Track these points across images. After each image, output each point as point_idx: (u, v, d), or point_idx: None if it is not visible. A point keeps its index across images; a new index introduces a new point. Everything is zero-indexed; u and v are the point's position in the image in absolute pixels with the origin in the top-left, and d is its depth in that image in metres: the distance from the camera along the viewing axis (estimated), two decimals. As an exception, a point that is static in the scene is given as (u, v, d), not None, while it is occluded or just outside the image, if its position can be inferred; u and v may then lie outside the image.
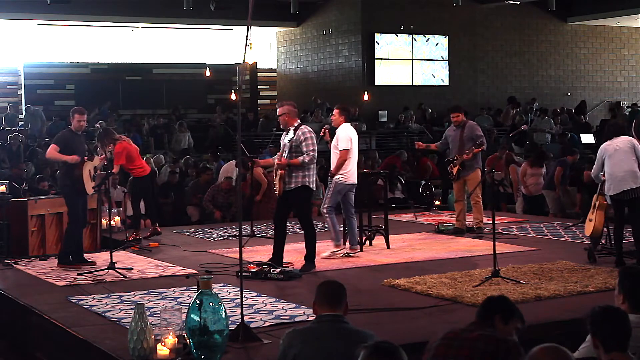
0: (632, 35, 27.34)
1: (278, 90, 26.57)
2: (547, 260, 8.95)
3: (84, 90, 23.75)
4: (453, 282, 7.77)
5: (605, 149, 8.67)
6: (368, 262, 9.21)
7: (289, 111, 8.72)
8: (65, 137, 9.14)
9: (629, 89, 27.49)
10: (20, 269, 9.23)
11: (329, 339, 4.12)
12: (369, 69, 23.19)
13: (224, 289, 7.68)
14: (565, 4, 24.39)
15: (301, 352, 4.08)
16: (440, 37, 23.98)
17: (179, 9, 21.27)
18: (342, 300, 4.31)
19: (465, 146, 10.93)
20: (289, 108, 8.74)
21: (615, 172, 8.49)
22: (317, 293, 4.32)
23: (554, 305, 6.88)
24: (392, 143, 21.22)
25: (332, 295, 4.31)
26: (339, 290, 4.35)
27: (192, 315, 5.12)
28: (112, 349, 5.69)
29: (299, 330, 4.25)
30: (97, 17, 22.88)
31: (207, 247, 10.47)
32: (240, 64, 7.45)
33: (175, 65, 25.49)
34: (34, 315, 7.08)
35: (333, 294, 4.31)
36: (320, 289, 4.34)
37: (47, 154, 9.24)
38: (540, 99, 25.71)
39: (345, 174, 9.21)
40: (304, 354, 4.07)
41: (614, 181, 8.51)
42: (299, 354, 4.08)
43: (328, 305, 4.27)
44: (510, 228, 11.64)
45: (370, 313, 6.53)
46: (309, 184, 8.61)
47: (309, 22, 24.97)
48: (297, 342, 4.13)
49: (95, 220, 10.98)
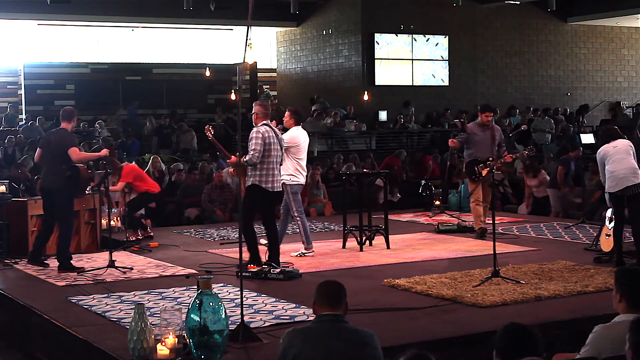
0: (632, 35, 27.34)
1: (278, 90, 26.57)
2: (547, 260, 8.95)
3: (84, 90, 23.75)
4: (453, 282, 7.77)
5: (605, 150, 8.73)
6: (368, 262, 9.21)
7: (259, 111, 8.81)
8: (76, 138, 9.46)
9: (629, 89, 27.48)
10: (20, 269, 9.23)
11: (329, 338, 4.12)
12: (369, 69, 23.19)
13: (224, 289, 7.68)
14: (565, 4, 24.37)
15: (301, 352, 4.07)
16: (440, 37, 23.98)
17: (179, 9, 21.25)
18: (342, 299, 4.30)
19: (494, 148, 10.68)
20: (259, 108, 8.84)
21: (618, 169, 8.55)
22: (317, 293, 4.32)
23: (554, 305, 6.88)
24: (392, 143, 21.21)
25: (332, 295, 4.30)
26: (339, 290, 4.34)
27: (192, 315, 5.12)
28: (112, 349, 5.69)
29: (299, 329, 4.25)
30: (97, 17, 22.87)
31: (207, 247, 10.47)
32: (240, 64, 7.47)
33: (175, 65, 25.48)
34: (34, 315, 7.08)
35: (333, 293, 4.31)
36: (320, 289, 4.34)
37: (76, 157, 9.08)
38: (540, 99, 25.72)
39: (296, 175, 9.45)
40: (304, 353, 4.07)
41: (617, 178, 8.56)
42: (299, 354, 4.08)
43: (328, 305, 4.26)
44: (510, 228, 11.65)
45: (370, 313, 6.53)
46: (260, 183, 8.57)
47: (309, 22, 24.97)
48: (297, 341, 4.13)
49: (95, 220, 11.00)
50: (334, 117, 21.41)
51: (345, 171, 13.02)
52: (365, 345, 4.15)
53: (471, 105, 24.32)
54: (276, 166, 8.72)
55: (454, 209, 14.09)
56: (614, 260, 8.62)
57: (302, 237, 9.58)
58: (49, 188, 9.14)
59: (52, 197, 9.12)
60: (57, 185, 9.06)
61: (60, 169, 9.06)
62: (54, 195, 9.08)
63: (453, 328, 6.19)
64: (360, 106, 22.98)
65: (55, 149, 9.09)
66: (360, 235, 10.01)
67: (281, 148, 8.81)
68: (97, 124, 21.21)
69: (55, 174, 9.08)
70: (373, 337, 4.23)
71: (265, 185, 8.63)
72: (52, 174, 9.11)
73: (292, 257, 9.44)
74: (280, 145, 8.78)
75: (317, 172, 14.86)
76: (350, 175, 11.05)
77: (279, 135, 8.87)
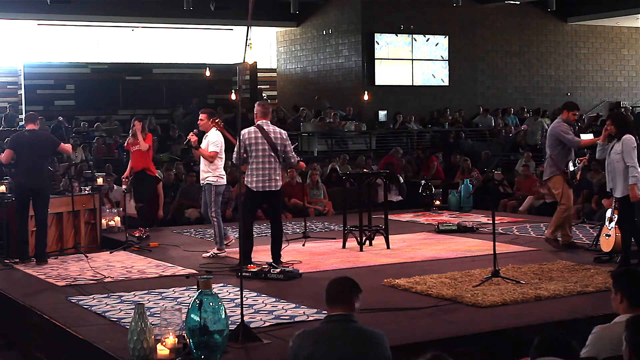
0: (632, 35, 27.33)
1: (278, 90, 26.56)
2: (547, 260, 8.95)
3: (84, 90, 23.73)
4: (453, 282, 7.77)
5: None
6: (368, 262, 9.21)
7: (258, 111, 9.03)
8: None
9: (629, 89, 27.48)
10: (20, 269, 9.24)
11: (340, 339, 4.11)
12: (369, 69, 23.18)
13: (224, 289, 7.68)
14: (565, 4, 24.37)
15: (312, 355, 4.06)
16: (440, 37, 23.97)
17: (179, 9, 21.25)
18: (350, 298, 4.25)
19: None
20: (258, 108, 9.06)
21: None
22: (326, 293, 4.29)
23: (554, 305, 6.88)
24: (392, 143, 21.21)
25: (337, 295, 4.28)
26: (345, 288, 4.30)
27: (192, 315, 5.12)
28: (112, 349, 5.68)
29: (308, 331, 4.21)
30: (97, 17, 22.85)
31: (207, 247, 10.46)
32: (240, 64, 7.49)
33: (175, 65, 25.46)
34: (34, 315, 7.08)
35: (338, 293, 4.28)
36: (328, 289, 4.31)
37: (71, 151, 10.47)
38: (540, 99, 25.72)
39: (220, 176, 9.75)
40: (315, 356, 4.06)
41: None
42: (310, 356, 4.06)
43: (336, 304, 4.24)
44: (510, 228, 11.65)
45: (371, 313, 6.52)
46: (246, 183, 8.72)
47: (309, 22, 24.96)
48: (307, 343, 4.11)
49: (95, 220, 11.01)
50: (333, 117, 21.42)
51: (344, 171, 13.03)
52: (376, 346, 4.16)
53: (471, 105, 24.35)
54: (264, 166, 8.72)
55: (454, 209, 14.10)
56: (619, 261, 8.49)
57: (216, 237, 9.84)
58: (38, 187, 9.47)
59: (39, 195, 9.49)
60: (44, 184, 9.56)
61: (45, 167, 9.61)
62: (42, 193, 9.51)
63: (453, 328, 6.19)
64: (360, 106, 22.98)
65: (45, 149, 9.61)
66: (360, 235, 10.01)
67: (273, 148, 8.78)
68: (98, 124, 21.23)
69: (42, 172, 9.53)
70: (383, 337, 4.24)
71: (250, 185, 8.68)
72: (38, 173, 9.46)
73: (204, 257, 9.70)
74: (270, 144, 8.75)
75: (316, 173, 14.86)
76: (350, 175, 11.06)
77: (273, 135, 8.84)
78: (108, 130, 21.35)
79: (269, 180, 8.75)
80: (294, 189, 14.26)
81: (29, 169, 9.44)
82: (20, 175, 9.58)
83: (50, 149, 9.76)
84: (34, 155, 9.46)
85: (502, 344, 6.04)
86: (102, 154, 18.95)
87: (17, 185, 9.65)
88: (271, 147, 8.75)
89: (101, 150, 19.25)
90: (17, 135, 9.85)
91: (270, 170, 8.75)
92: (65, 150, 10.15)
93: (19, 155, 9.53)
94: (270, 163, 8.75)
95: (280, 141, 8.85)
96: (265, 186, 8.74)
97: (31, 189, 9.47)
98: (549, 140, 9.82)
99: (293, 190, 14.26)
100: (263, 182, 8.72)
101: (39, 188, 9.48)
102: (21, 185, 9.54)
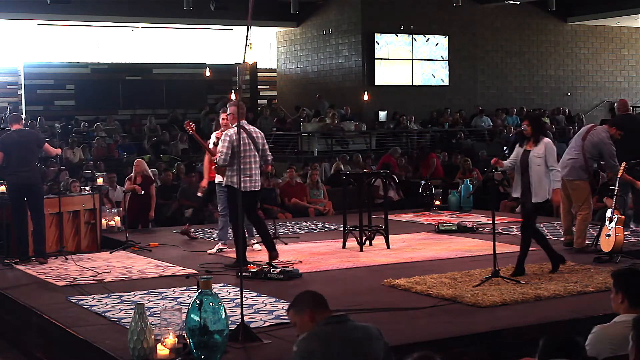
0: (632, 35, 27.35)
1: (278, 90, 26.57)
2: (547, 260, 8.94)
3: (84, 90, 23.75)
4: (453, 282, 7.76)
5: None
6: (368, 262, 9.21)
7: (234, 112, 8.82)
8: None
9: (629, 89, 27.49)
10: (20, 269, 9.23)
11: (347, 339, 4.15)
12: (369, 69, 23.19)
13: (224, 289, 7.68)
14: (565, 4, 24.39)
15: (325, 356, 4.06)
16: (440, 37, 23.98)
17: (179, 9, 21.27)
18: (324, 299, 4.40)
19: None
20: (233, 109, 8.86)
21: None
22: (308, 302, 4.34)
23: (554, 305, 6.88)
24: (392, 143, 21.22)
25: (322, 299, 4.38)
26: (316, 293, 4.45)
27: (192, 315, 5.12)
28: (112, 349, 5.68)
29: (313, 335, 4.18)
30: (97, 17, 22.87)
31: (207, 247, 10.46)
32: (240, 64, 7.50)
33: (175, 65, 25.48)
34: (34, 315, 7.08)
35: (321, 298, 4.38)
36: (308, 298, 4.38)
37: (53, 152, 10.44)
38: (540, 99, 25.73)
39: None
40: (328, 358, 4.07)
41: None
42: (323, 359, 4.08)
43: (325, 308, 4.33)
44: (510, 228, 11.64)
45: (370, 313, 6.52)
46: (233, 184, 8.57)
47: (309, 22, 24.97)
48: (316, 348, 4.09)
49: (95, 220, 11.00)
50: (332, 117, 21.41)
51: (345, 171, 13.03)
52: (378, 340, 4.25)
53: (471, 105, 24.36)
54: (251, 166, 8.72)
55: (454, 209, 14.09)
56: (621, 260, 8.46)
57: (223, 233, 10.03)
58: (30, 183, 9.60)
59: (33, 190, 9.62)
60: (36, 179, 9.73)
61: (35, 163, 9.83)
62: (36, 188, 9.65)
63: (453, 328, 6.19)
64: (360, 106, 22.99)
65: (32, 145, 9.75)
66: (360, 235, 10.01)
67: (256, 148, 8.78)
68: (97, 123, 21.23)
69: (32, 168, 9.69)
70: (378, 330, 4.33)
71: (242, 185, 8.65)
72: (29, 169, 9.59)
73: (210, 253, 9.81)
74: (255, 145, 8.75)
75: (316, 173, 14.86)
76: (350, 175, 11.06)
77: (254, 135, 8.84)
78: (108, 130, 21.36)
79: (256, 180, 8.82)
80: (294, 189, 14.26)
81: (20, 166, 9.54)
82: (12, 174, 9.61)
83: (37, 144, 9.87)
84: (23, 152, 9.60)
85: (502, 344, 6.03)
86: (102, 154, 18.96)
87: (10, 186, 9.65)
88: (255, 147, 8.79)
89: (101, 150, 19.26)
90: (5, 136, 9.86)
91: (255, 170, 8.82)
92: (48, 151, 10.15)
93: (9, 156, 9.56)
94: (255, 163, 8.82)
95: (261, 140, 8.91)
96: (252, 186, 8.78)
97: (24, 185, 9.54)
98: (591, 148, 9.47)
99: (293, 190, 14.26)
100: (251, 182, 8.75)
101: (32, 184, 9.58)
102: (14, 184, 9.58)
